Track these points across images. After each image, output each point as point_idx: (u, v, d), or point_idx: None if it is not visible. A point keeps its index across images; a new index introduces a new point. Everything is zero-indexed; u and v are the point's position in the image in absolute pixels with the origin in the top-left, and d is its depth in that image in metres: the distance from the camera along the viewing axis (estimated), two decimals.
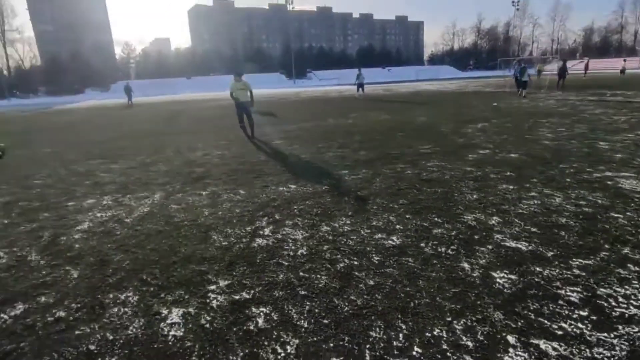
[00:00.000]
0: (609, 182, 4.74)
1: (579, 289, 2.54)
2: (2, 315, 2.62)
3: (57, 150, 9.69)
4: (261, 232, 3.70)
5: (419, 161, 6.27)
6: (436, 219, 3.83)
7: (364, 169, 5.94)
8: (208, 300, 2.62)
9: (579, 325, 2.19)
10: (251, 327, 2.31)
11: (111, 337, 2.31)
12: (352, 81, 25.24)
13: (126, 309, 2.58)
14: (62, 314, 2.59)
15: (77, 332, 2.38)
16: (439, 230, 3.56)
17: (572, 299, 2.45)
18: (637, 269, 2.76)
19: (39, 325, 2.48)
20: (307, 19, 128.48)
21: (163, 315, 2.49)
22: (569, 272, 2.76)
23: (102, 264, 3.26)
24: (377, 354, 2.04)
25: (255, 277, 2.88)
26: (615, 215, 3.73)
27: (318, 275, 2.86)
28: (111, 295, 2.77)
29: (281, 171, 6.05)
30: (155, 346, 2.21)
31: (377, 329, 2.23)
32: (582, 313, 2.30)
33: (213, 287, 2.78)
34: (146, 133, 11.83)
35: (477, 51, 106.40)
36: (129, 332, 2.35)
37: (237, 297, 2.63)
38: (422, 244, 3.29)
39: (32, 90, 70.31)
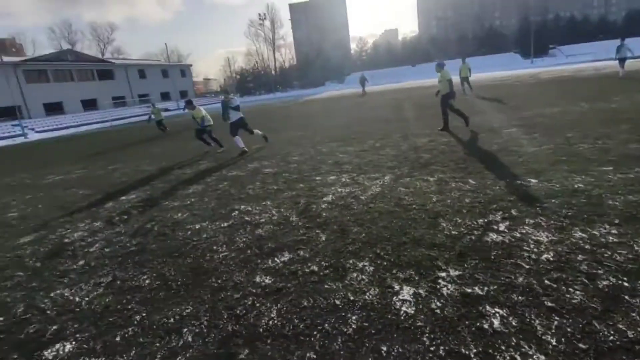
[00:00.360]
0: None
1: None
2: (275, 259, 3.40)
3: (306, 134, 11.73)
4: (495, 227, 3.40)
5: None
6: None
7: (637, 166, 4.57)
8: (438, 286, 2.62)
9: None
10: (485, 326, 2.17)
11: (352, 298, 2.63)
12: (613, 56, 18.21)
13: (363, 277, 2.89)
14: (315, 268, 3.13)
15: (326, 286, 2.83)
16: None
17: None
18: None
19: (299, 273, 3.09)
20: None
21: (395, 290, 2.65)
22: None
23: (343, 232, 3.75)
24: None
25: (489, 274, 2.68)
26: None
27: (570, 289, 2.40)
28: (351, 261, 3.15)
29: (517, 163, 5.37)
30: (389, 317, 2.38)
31: None
32: None
33: (443, 274, 2.76)
34: (374, 119, 12.81)
35: None
36: (366, 297, 2.62)
37: (468, 290, 2.52)
38: None
39: (289, 85, 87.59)
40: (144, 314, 2.78)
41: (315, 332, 2.33)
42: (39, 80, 46.71)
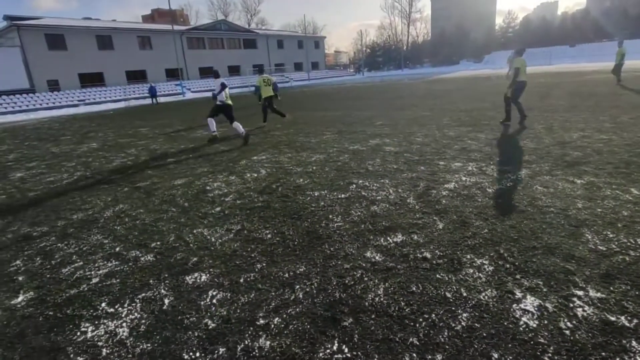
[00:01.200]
0: None
1: None
2: (388, 238, 3.39)
3: (433, 114, 11.15)
4: None
5: None
6: None
7: None
8: (571, 305, 2.29)
9: None
10: None
11: (465, 294, 2.49)
12: None
13: (480, 275, 2.69)
14: (427, 255, 3.04)
15: (437, 276, 2.73)
16: None
17: None
18: None
19: (411, 257, 3.03)
20: None
21: (516, 297, 2.41)
22: None
23: (463, 224, 3.53)
24: None
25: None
26: None
27: None
28: (468, 256, 2.96)
29: None
30: (505, 324, 2.19)
31: None
32: None
33: (580, 292, 2.40)
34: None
35: None
36: (481, 297, 2.44)
37: (612, 318, 2.15)
38: None
39: (419, 61, 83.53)
40: (264, 264, 3.11)
41: (420, 319, 2.29)
42: (197, 47, 53.83)
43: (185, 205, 4.75)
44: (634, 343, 1.96)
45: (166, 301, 2.70)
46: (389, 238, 3.39)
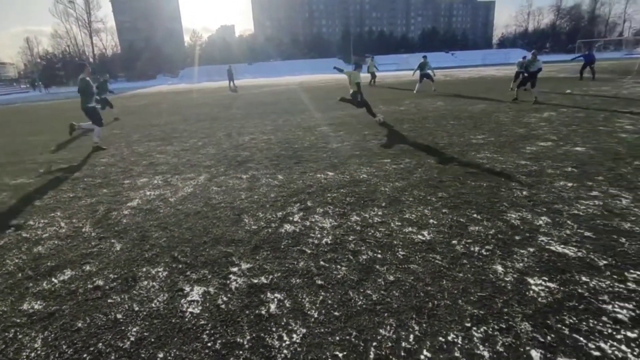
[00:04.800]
0: None
1: (631, 306, 2.24)
2: (52, 279, 2.91)
3: (123, 132, 10.51)
4: (291, 219, 3.72)
5: (468, 152, 5.89)
6: (475, 215, 3.58)
7: (407, 158, 5.72)
8: (228, 282, 2.70)
9: (623, 348, 1.93)
10: (262, 312, 2.34)
11: (137, 308, 2.47)
12: (413, 67, 19.18)
13: (154, 283, 2.75)
14: (100, 282, 2.82)
15: (109, 301, 2.58)
16: (476, 227, 3.33)
17: (620, 316, 2.16)
18: None
19: (80, 291, 2.72)
20: (369, 1, 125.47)
21: (185, 292, 2.61)
22: (621, 286, 2.43)
23: (142, 239, 3.49)
24: (383, 353, 1.96)
25: (276, 263, 2.91)
26: None
27: (338, 266, 2.82)
28: (144, 269, 2.95)
29: (322, 158, 6.02)
30: (173, 321, 2.32)
31: (388, 327, 2.14)
32: (629, 334, 2.02)
33: (235, 269, 2.86)
34: (203, 117, 12.40)
35: (555, 32, 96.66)
36: (153, 305, 2.49)
37: (255, 281, 2.68)
38: (454, 242, 3.10)
39: (113, 76, 76.82)
40: None
41: (85, 355, 2.09)
42: None
43: None
44: (268, 294, 2.52)
45: None
46: (53, 279, 2.91)
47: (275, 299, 2.46)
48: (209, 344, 2.11)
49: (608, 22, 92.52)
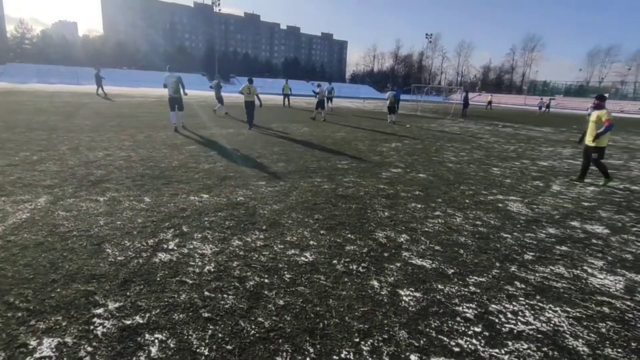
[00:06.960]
0: (499, 205, 5.32)
1: (473, 306, 2.74)
2: None
3: None
4: (165, 246, 3.37)
5: (336, 176, 6.39)
6: (349, 235, 3.89)
7: (282, 181, 5.86)
8: (92, 327, 2.26)
9: (473, 341, 2.34)
10: (142, 358, 2.04)
11: None
12: (277, 91, 21.24)
13: None
14: None
15: None
16: (352, 247, 3.61)
17: (468, 315, 2.62)
18: (523, 286, 3.08)
19: None
20: (234, 23, 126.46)
21: (31, 347, 2.08)
22: (465, 289, 2.97)
23: None
24: None
25: (152, 298, 2.58)
26: (505, 235, 4.17)
27: (225, 295, 2.67)
28: None
29: (193, 179, 5.67)
30: None
31: (284, 354, 2.12)
32: (476, 329, 2.46)
33: (100, 310, 2.42)
34: (37, 125, 10.26)
35: (394, 75, 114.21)
36: None
37: (128, 322, 2.32)
38: (335, 261, 3.29)
39: None
40: None
41: None
42: None
43: None
44: (147, 336, 2.21)
45: None
46: None
47: (157, 341, 2.17)
48: None
49: (431, 72, 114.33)
